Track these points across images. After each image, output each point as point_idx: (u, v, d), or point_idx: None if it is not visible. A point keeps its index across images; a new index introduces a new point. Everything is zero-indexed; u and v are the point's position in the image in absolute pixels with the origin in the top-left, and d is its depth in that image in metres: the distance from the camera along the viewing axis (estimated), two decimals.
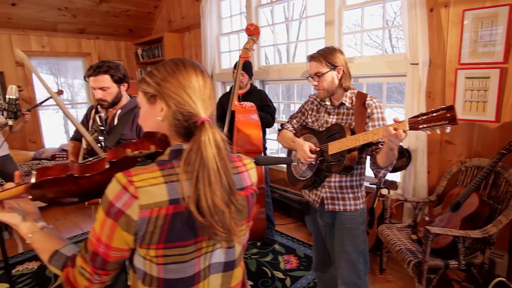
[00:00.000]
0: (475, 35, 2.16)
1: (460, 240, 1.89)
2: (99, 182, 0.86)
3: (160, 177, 0.73)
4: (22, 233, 0.85)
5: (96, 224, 0.73)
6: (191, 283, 0.78)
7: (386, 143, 1.32)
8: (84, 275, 0.74)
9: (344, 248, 1.67)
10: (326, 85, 1.59)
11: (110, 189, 0.72)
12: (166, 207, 0.71)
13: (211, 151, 0.72)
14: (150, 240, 0.71)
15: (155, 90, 0.79)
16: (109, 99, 1.73)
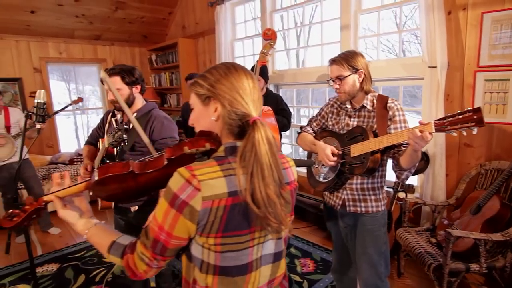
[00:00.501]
0: (494, 37, 2.16)
1: (481, 243, 1.88)
2: (155, 179, 0.90)
3: (219, 171, 0.78)
4: (78, 230, 0.91)
5: (158, 214, 0.78)
6: (244, 271, 0.83)
7: (411, 145, 1.32)
8: (143, 260, 0.80)
9: (365, 250, 1.67)
10: (347, 88, 1.61)
11: (174, 182, 0.76)
12: (225, 198, 0.77)
13: (264, 147, 0.78)
14: (210, 229, 0.77)
15: (209, 91, 0.84)
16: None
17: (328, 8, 3.29)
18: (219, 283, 0.82)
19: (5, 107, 3.28)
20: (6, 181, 3.27)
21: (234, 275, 0.82)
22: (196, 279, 0.83)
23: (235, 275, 0.82)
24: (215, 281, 0.81)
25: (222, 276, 0.81)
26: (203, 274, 0.81)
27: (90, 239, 0.90)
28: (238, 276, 0.83)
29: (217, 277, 0.81)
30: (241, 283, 0.83)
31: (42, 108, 1.81)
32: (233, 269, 0.81)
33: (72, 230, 3.65)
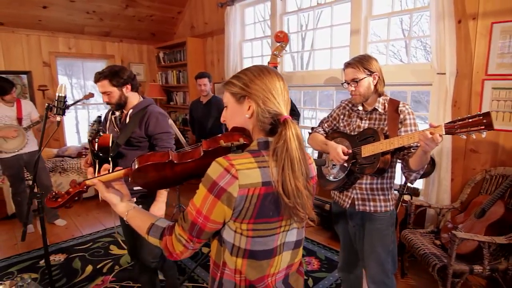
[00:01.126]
0: (502, 47, 2.23)
1: (485, 245, 1.93)
2: (190, 169, 0.96)
3: (254, 163, 0.85)
4: (119, 211, 0.98)
5: (196, 200, 0.85)
6: (270, 255, 0.90)
7: (422, 147, 1.37)
8: (181, 241, 0.87)
9: (374, 248, 1.72)
10: (362, 90, 1.66)
11: (213, 170, 0.83)
12: (259, 187, 0.83)
13: (294, 144, 0.85)
14: (244, 215, 0.83)
15: (244, 91, 0.90)
16: (113, 101, 1.84)
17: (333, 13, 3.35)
18: (247, 266, 0.88)
19: (17, 99, 3.33)
20: (15, 171, 3.32)
21: (261, 258, 0.88)
22: (226, 261, 0.90)
23: (262, 259, 0.89)
24: (244, 263, 0.88)
25: (251, 260, 0.88)
26: (233, 257, 0.88)
27: (129, 220, 0.97)
28: (264, 260, 0.89)
29: (246, 260, 0.87)
30: (266, 266, 0.90)
31: (62, 101, 1.86)
32: (261, 253, 0.88)
33: (78, 222, 3.70)
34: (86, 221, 3.74)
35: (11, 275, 2.63)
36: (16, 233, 3.44)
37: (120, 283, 2.49)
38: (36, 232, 3.45)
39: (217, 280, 0.92)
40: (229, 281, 0.90)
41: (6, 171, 3.31)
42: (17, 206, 3.46)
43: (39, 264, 2.81)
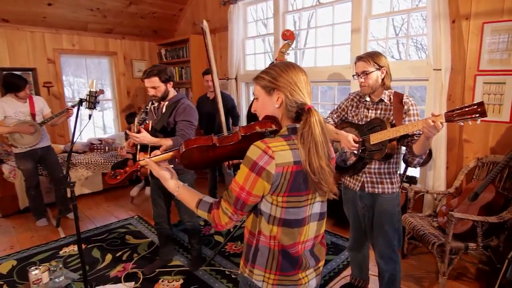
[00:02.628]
0: (493, 45, 2.44)
1: (479, 224, 2.15)
2: (229, 152, 1.12)
3: (286, 145, 1.00)
4: (171, 187, 1.15)
5: (239, 178, 1.01)
6: (300, 224, 1.06)
7: (425, 133, 1.57)
8: (226, 214, 1.03)
9: (382, 226, 1.92)
10: (371, 82, 1.84)
11: (253, 152, 0.98)
12: (291, 166, 0.99)
13: (318, 129, 1.00)
14: (280, 189, 0.99)
15: (273, 84, 1.06)
16: (158, 95, 2.24)
17: (329, 13, 3.53)
18: (282, 233, 1.04)
19: (29, 95, 3.42)
20: (30, 166, 3.42)
21: (293, 226, 1.05)
22: (261, 229, 1.06)
23: (294, 227, 1.05)
24: (278, 231, 1.04)
25: (284, 227, 1.04)
26: (269, 225, 1.04)
27: (179, 195, 1.14)
28: (296, 227, 1.05)
29: (281, 228, 1.04)
30: (297, 234, 1.06)
31: (94, 96, 2.00)
32: (293, 222, 1.04)
33: (90, 215, 3.83)
34: (97, 214, 3.87)
35: (34, 265, 2.76)
36: (31, 226, 3.55)
37: (141, 269, 2.65)
38: (49, 225, 3.56)
39: (253, 247, 1.09)
40: (264, 246, 1.06)
41: (21, 165, 3.40)
42: (31, 200, 3.56)
43: (59, 254, 2.94)
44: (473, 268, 2.58)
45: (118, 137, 5.16)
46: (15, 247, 3.10)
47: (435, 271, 2.53)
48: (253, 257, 1.08)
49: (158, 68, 2.21)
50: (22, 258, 2.88)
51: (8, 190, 3.82)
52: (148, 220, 3.63)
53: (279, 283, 1.06)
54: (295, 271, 1.07)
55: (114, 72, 5.49)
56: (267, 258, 1.06)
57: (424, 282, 2.43)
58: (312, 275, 1.12)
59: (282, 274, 1.06)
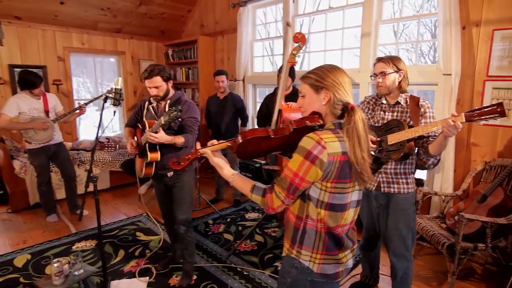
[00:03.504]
0: (502, 52, 2.51)
1: (488, 225, 2.21)
2: (279, 143, 1.21)
3: (335, 137, 1.10)
4: (226, 174, 1.25)
5: (293, 166, 1.10)
6: (343, 209, 1.15)
7: (444, 133, 1.63)
8: (279, 197, 1.13)
9: (396, 225, 1.98)
10: (388, 83, 1.90)
11: (307, 143, 1.08)
12: (340, 156, 1.09)
13: (360, 125, 1.11)
14: (330, 176, 1.09)
15: (321, 83, 1.16)
16: (161, 94, 2.24)
17: (351, 17, 3.60)
18: (328, 216, 1.14)
19: (43, 92, 3.46)
20: (43, 162, 3.46)
21: (338, 210, 1.14)
22: (309, 213, 1.15)
23: (338, 211, 1.14)
24: (325, 214, 1.13)
25: (330, 211, 1.13)
26: (317, 209, 1.14)
27: (234, 182, 1.24)
28: (339, 212, 1.15)
29: (327, 211, 1.13)
30: (339, 218, 1.15)
31: (119, 93, 2.05)
32: (338, 206, 1.14)
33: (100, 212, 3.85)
34: (106, 211, 3.90)
35: (48, 259, 2.80)
36: (41, 221, 3.59)
37: (154, 264, 2.69)
38: (60, 221, 3.60)
39: (300, 229, 1.18)
40: (311, 229, 1.16)
41: (34, 161, 3.44)
42: (42, 195, 3.60)
43: (72, 249, 2.99)
44: (480, 268, 2.64)
45: (125, 135, 5.20)
46: (28, 241, 3.14)
47: (443, 271, 2.59)
48: (301, 239, 1.18)
49: (158, 67, 2.20)
50: (36, 252, 2.92)
51: (19, 186, 3.85)
52: (157, 217, 3.67)
53: (324, 262, 1.16)
54: (338, 251, 1.18)
55: (122, 71, 5.54)
56: (314, 239, 1.16)
57: (432, 282, 2.49)
58: (350, 255, 1.23)
59: (327, 254, 1.16)
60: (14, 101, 3.28)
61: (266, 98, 3.44)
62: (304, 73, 1.22)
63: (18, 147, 4.31)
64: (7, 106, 3.23)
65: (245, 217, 3.69)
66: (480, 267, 2.65)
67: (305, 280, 1.19)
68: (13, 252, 2.92)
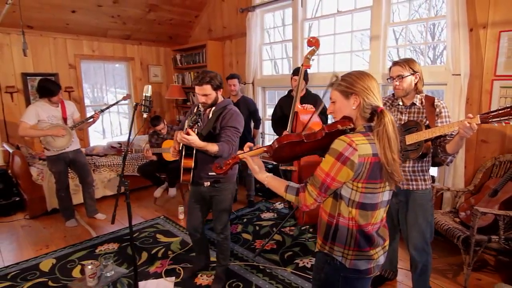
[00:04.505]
0: (509, 52, 2.62)
1: (501, 218, 2.31)
2: (312, 146, 1.29)
3: (365, 140, 1.17)
4: (261, 177, 1.34)
5: (325, 166, 1.18)
6: (374, 208, 1.22)
7: (460, 134, 1.72)
8: (312, 196, 1.21)
9: (416, 220, 2.08)
10: (405, 85, 2.00)
11: (338, 145, 1.15)
12: (370, 157, 1.15)
13: (391, 127, 1.17)
14: (361, 176, 1.16)
15: (351, 89, 1.23)
16: (209, 102, 2.22)
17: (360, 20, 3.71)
18: (358, 215, 1.21)
19: (61, 100, 3.55)
20: (61, 168, 3.54)
21: (368, 209, 1.21)
22: (341, 212, 1.23)
23: (369, 210, 1.22)
24: (356, 213, 1.21)
25: (361, 210, 1.21)
26: (349, 208, 1.21)
27: (269, 183, 1.34)
28: (370, 211, 1.22)
29: (358, 210, 1.21)
30: (370, 216, 1.22)
31: (148, 101, 2.14)
32: (368, 205, 1.21)
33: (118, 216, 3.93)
34: (124, 214, 3.97)
35: (73, 263, 2.88)
36: (60, 226, 3.67)
37: (179, 265, 2.78)
38: (79, 226, 3.68)
39: (333, 227, 1.25)
40: (343, 226, 1.23)
41: (53, 168, 3.53)
42: (60, 201, 3.68)
43: (95, 252, 3.07)
44: (493, 260, 2.74)
45: (136, 140, 5.29)
46: (50, 246, 3.22)
47: (457, 263, 2.70)
48: (333, 236, 1.25)
49: (210, 75, 2.16)
50: (60, 256, 3.00)
51: (36, 192, 3.93)
52: (174, 219, 3.76)
53: (356, 258, 1.23)
54: (369, 248, 1.24)
55: (131, 77, 5.63)
56: (346, 236, 1.23)
57: (448, 274, 2.59)
58: (381, 252, 1.30)
59: (359, 250, 1.23)
60: (33, 109, 3.36)
61: (280, 100, 3.54)
62: (335, 79, 1.31)
63: (33, 154, 4.40)
64: (27, 114, 3.32)
65: (260, 217, 3.78)
66: (493, 259, 2.75)
67: (338, 276, 1.27)
68: (38, 257, 2.99)
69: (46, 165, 4.05)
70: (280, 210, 3.96)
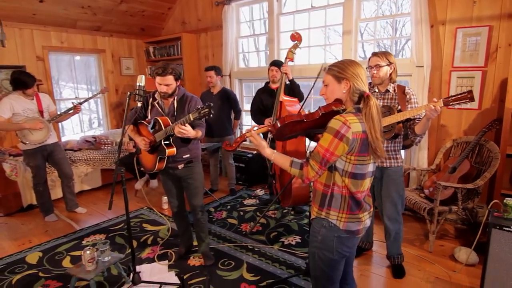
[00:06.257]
0: (464, 46, 2.98)
1: (459, 190, 2.67)
2: (310, 125, 1.46)
3: (356, 119, 1.36)
4: (268, 153, 1.49)
5: (324, 143, 1.34)
6: (363, 177, 1.43)
7: (427, 116, 2.00)
8: (314, 169, 1.38)
9: (389, 193, 2.35)
10: (382, 74, 2.25)
11: (335, 123, 1.33)
12: (361, 134, 1.35)
13: (375, 110, 1.38)
14: (353, 150, 1.36)
15: (342, 74, 1.42)
16: (169, 92, 2.37)
17: (333, 15, 3.96)
18: (350, 183, 1.41)
19: (36, 92, 3.45)
20: (39, 162, 3.46)
21: (358, 178, 1.42)
22: (335, 181, 1.43)
23: (359, 179, 1.42)
24: (348, 181, 1.41)
25: (353, 179, 1.41)
26: (342, 177, 1.41)
27: (275, 159, 1.49)
28: (360, 180, 1.42)
29: (350, 179, 1.41)
30: (359, 185, 1.43)
31: (142, 90, 2.20)
32: (359, 175, 1.41)
33: (98, 209, 3.92)
34: (105, 208, 3.96)
35: (61, 254, 2.87)
36: (40, 222, 3.59)
37: (170, 249, 2.88)
38: (60, 220, 3.62)
39: (328, 195, 1.45)
40: (337, 194, 1.43)
41: (30, 161, 3.43)
42: (39, 196, 3.59)
43: (82, 243, 3.07)
44: (452, 229, 3.13)
45: (111, 134, 5.21)
46: (33, 241, 3.16)
47: (423, 233, 3.05)
48: (329, 202, 1.45)
49: (171, 66, 2.30)
50: (46, 249, 2.97)
51: (10, 189, 3.80)
52: (158, 210, 3.82)
53: (348, 220, 1.44)
54: (358, 211, 1.45)
55: (103, 70, 5.51)
56: (340, 202, 1.43)
57: (416, 242, 2.93)
58: (367, 216, 1.51)
59: (351, 213, 1.44)
60: (7, 102, 3.25)
61: (258, 91, 3.69)
62: (328, 66, 1.49)
63: (3, 150, 4.21)
64: (1, 108, 3.20)
65: (243, 203, 3.95)
66: (452, 228, 3.14)
67: (333, 236, 1.46)
68: (22, 252, 2.94)
69: (18, 161, 3.93)
70: (261, 196, 4.14)
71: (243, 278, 2.45)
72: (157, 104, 2.46)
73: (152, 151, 2.46)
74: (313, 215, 1.54)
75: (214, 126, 4.00)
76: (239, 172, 4.52)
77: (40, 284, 2.46)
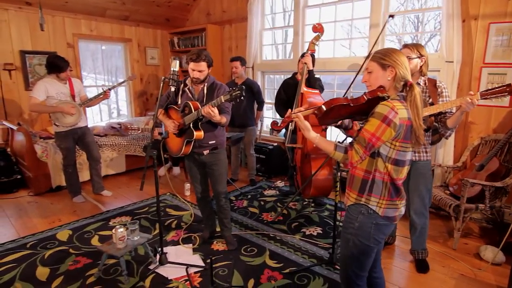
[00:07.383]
0: (497, 42, 2.92)
1: (487, 188, 2.63)
2: (354, 110, 1.47)
3: (402, 106, 1.38)
4: (311, 136, 1.51)
5: (370, 128, 1.36)
6: (404, 164, 1.45)
7: (462, 109, 1.97)
8: (358, 153, 1.39)
9: (417, 186, 2.34)
10: (412, 67, 2.20)
11: (383, 109, 1.34)
12: (407, 120, 1.37)
13: (418, 98, 1.40)
14: (399, 136, 1.38)
15: (388, 62, 1.43)
16: (202, 78, 2.45)
17: (359, 9, 3.93)
18: (392, 169, 1.43)
19: (69, 77, 3.57)
20: (70, 144, 3.59)
21: (400, 165, 1.43)
22: (377, 167, 1.44)
23: (400, 166, 1.44)
24: (391, 168, 1.42)
25: (395, 166, 1.43)
26: (385, 163, 1.42)
27: (319, 142, 1.50)
28: (401, 167, 1.44)
29: (392, 165, 1.43)
30: (400, 171, 1.44)
31: (176, 75, 2.27)
32: (400, 162, 1.43)
33: (122, 193, 4.04)
34: (130, 192, 4.08)
35: (90, 233, 2.99)
36: (68, 202, 3.73)
37: (194, 233, 2.96)
38: (87, 202, 3.76)
39: (369, 181, 1.46)
40: (379, 180, 1.44)
41: (62, 144, 3.56)
42: (68, 177, 3.74)
43: (109, 224, 3.19)
44: (477, 228, 3.09)
45: (135, 121, 5.34)
46: (62, 220, 3.30)
47: (446, 231, 3.03)
48: (370, 188, 1.46)
49: (205, 53, 2.39)
50: (76, 228, 3.10)
51: (41, 169, 3.96)
52: (181, 196, 3.90)
53: (387, 206, 1.46)
54: (397, 198, 1.47)
55: (129, 59, 5.63)
56: (381, 188, 1.44)
57: (439, 239, 2.91)
58: (403, 203, 1.52)
59: (390, 200, 1.46)
60: (42, 85, 3.38)
61: (283, 83, 3.71)
62: (373, 53, 1.50)
63: (34, 133, 4.38)
64: (36, 90, 3.33)
65: (264, 193, 3.99)
66: (477, 227, 3.10)
67: (370, 223, 1.48)
68: (53, 229, 3.08)
69: (48, 143, 4.08)
70: (281, 188, 4.18)
71: (266, 264, 2.50)
72: (188, 90, 2.54)
73: (180, 134, 2.52)
74: (350, 202, 1.54)
75: (237, 116, 4.04)
76: (259, 163, 4.57)
77: (71, 260, 2.57)
